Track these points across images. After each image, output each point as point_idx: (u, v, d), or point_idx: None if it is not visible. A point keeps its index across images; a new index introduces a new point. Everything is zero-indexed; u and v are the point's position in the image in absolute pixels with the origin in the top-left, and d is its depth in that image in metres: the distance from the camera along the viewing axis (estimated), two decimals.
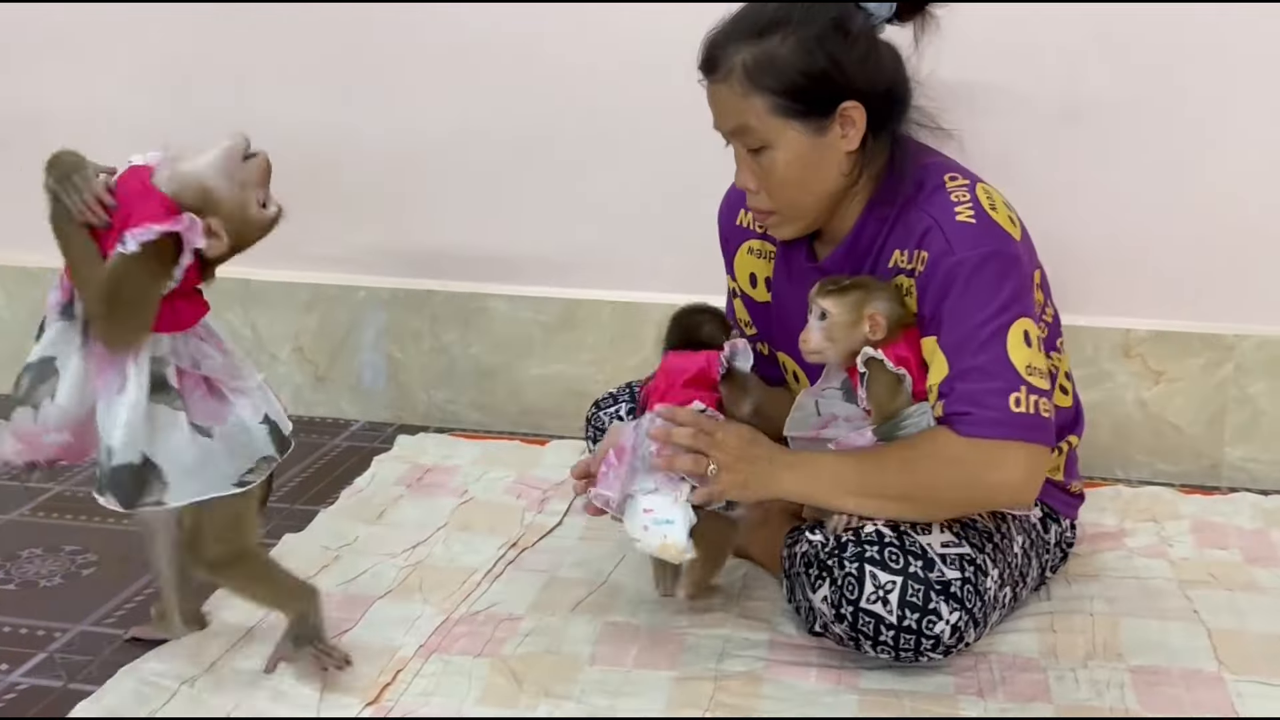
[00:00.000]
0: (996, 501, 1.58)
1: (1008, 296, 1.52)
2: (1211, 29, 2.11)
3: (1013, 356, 1.51)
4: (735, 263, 1.85)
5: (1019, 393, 1.50)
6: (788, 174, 1.58)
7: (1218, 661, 1.60)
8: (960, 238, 1.53)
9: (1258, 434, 2.23)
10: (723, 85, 1.57)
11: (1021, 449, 1.51)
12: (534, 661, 1.60)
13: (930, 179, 1.60)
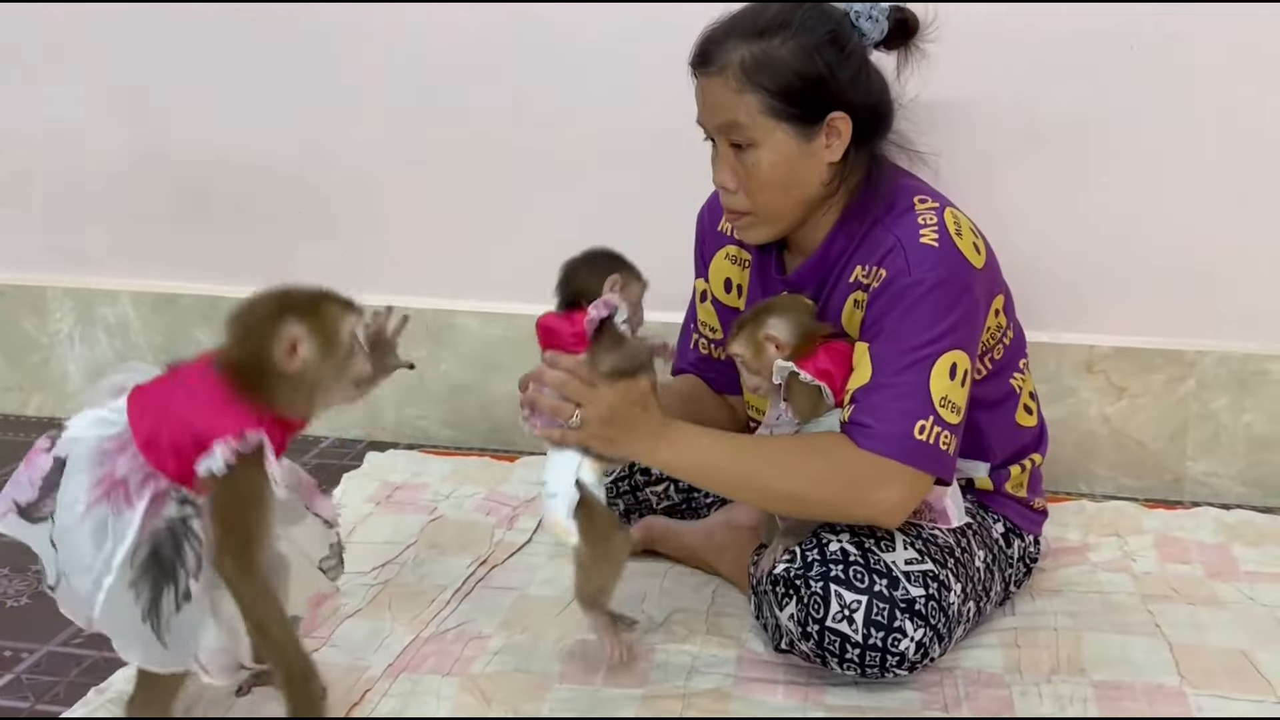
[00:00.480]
0: (867, 517, 1.57)
1: (948, 326, 1.54)
2: (1171, 53, 2.14)
3: (932, 385, 1.53)
4: (711, 267, 1.86)
5: (925, 420, 1.52)
6: (771, 175, 1.60)
7: (1179, 675, 1.62)
8: (919, 259, 1.55)
9: (1219, 449, 2.26)
10: (717, 79, 1.59)
11: (908, 474, 1.53)
12: (503, 680, 1.61)
13: (901, 200, 1.62)
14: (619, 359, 1.53)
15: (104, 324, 2.64)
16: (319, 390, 1.38)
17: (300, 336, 1.34)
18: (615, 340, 1.54)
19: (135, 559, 1.33)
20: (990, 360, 1.69)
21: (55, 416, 2.68)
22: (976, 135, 2.20)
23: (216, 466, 1.31)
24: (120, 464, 1.34)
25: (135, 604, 1.34)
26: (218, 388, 1.34)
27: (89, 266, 2.65)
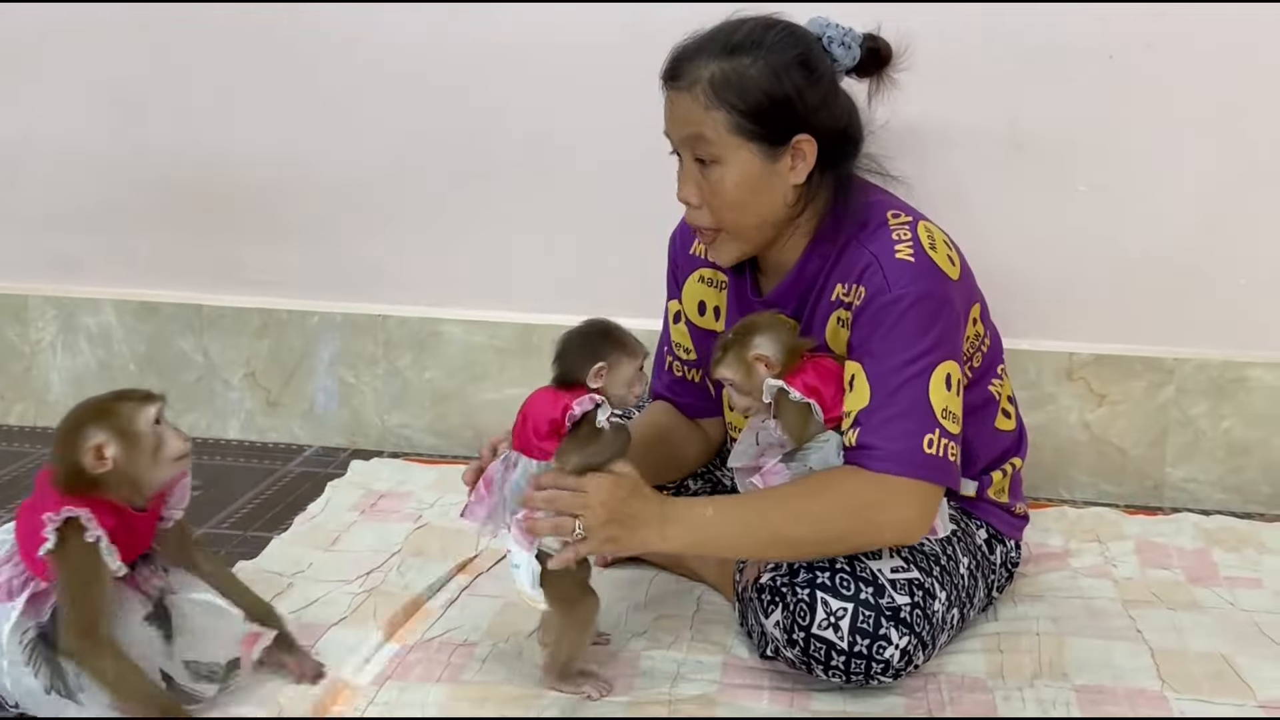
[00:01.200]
0: (887, 539, 1.58)
1: (935, 338, 1.55)
2: (1150, 63, 2.16)
3: (932, 398, 1.54)
4: (685, 290, 1.86)
5: (932, 435, 1.53)
6: (734, 194, 1.61)
7: (1160, 680, 1.64)
8: (897, 275, 1.56)
9: (1198, 455, 2.28)
10: (685, 94, 1.59)
11: (923, 489, 1.54)
12: (490, 688, 1.61)
13: (874, 217, 1.63)
14: (590, 455, 1.52)
15: (86, 332, 2.64)
16: (140, 478, 1.49)
17: (103, 441, 1.45)
18: (591, 435, 1.52)
19: (24, 642, 1.46)
20: (970, 368, 1.70)
21: (37, 425, 2.67)
22: (957, 145, 2.22)
23: (47, 545, 1.42)
24: (4, 571, 1.49)
25: (37, 680, 1.46)
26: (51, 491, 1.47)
27: (71, 274, 2.64)
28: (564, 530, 1.49)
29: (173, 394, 2.57)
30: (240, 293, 2.57)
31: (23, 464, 2.46)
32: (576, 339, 1.56)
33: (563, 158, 2.39)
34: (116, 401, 1.49)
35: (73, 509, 1.43)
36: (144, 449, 1.47)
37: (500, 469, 1.57)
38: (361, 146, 2.46)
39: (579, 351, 1.54)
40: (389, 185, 2.47)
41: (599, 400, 1.52)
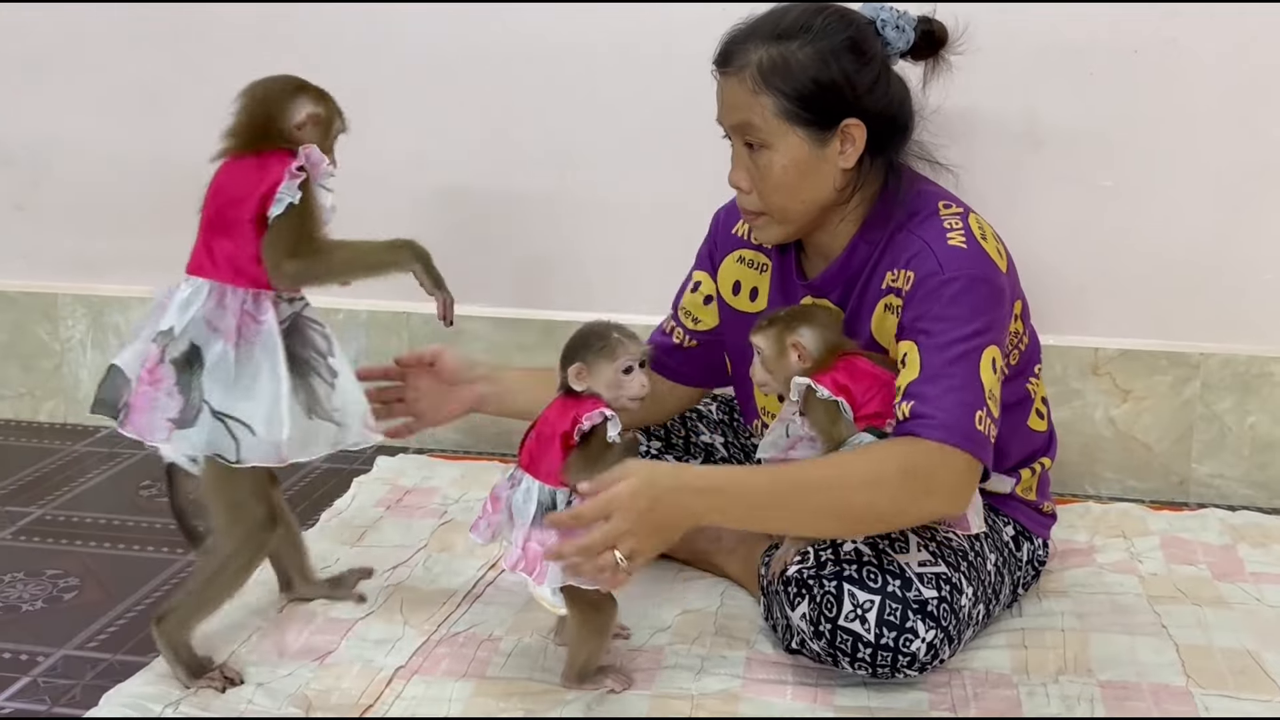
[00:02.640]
0: (937, 507, 1.54)
1: (987, 321, 1.55)
2: (1174, 57, 2.15)
3: (983, 377, 1.54)
4: (721, 268, 1.87)
5: (981, 411, 1.52)
6: (782, 178, 1.61)
7: (1186, 676, 1.63)
8: (950, 259, 1.57)
9: (1224, 450, 2.27)
10: (734, 79, 1.60)
11: (970, 463, 1.52)
12: (515, 683, 1.62)
13: (925, 206, 1.63)
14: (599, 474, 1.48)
15: (115, 330, 2.66)
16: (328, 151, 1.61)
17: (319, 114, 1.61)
18: (600, 450, 1.50)
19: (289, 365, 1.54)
20: (1007, 364, 1.70)
21: (67, 423, 2.70)
22: (981, 140, 2.21)
23: (291, 195, 1.53)
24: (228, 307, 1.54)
25: (301, 406, 1.54)
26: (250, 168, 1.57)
27: (100, 273, 2.67)
28: (608, 571, 1.42)
29: None
30: None
31: (53, 460, 2.48)
32: (567, 346, 1.56)
33: (586, 155, 2.40)
34: (329, 95, 1.65)
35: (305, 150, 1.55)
36: (322, 146, 1.61)
37: (506, 486, 1.58)
38: (383, 144, 2.46)
39: (566, 358, 1.55)
40: (413, 182, 2.48)
41: (609, 414, 1.51)
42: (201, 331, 1.53)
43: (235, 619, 1.76)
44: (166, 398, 1.52)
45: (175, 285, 1.59)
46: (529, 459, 1.55)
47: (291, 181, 1.52)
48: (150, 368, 1.53)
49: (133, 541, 2.10)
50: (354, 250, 1.57)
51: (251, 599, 1.82)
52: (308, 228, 1.54)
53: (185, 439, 1.52)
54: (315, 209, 1.55)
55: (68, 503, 2.27)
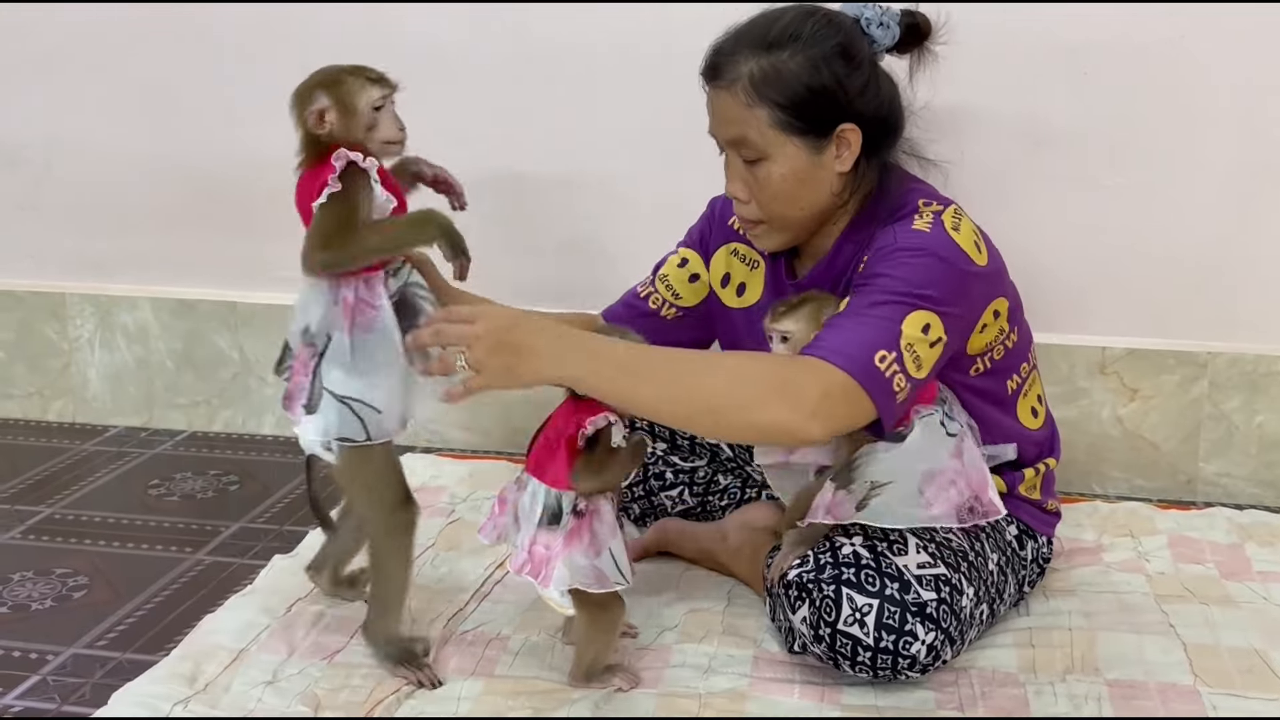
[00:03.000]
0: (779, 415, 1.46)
1: (929, 292, 1.53)
2: (1181, 55, 2.15)
3: (904, 328, 1.51)
4: (714, 259, 1.87)
5: (889, 353, 1.49)
6: (781, 188, 1.61)
7: (1193, 675, 1.63)
8: (908, 235, 1.57)
9: (1232, 449, 2.27)
10: (726, 93, 1.60)
11: (848, 382, 1.47)
12: (523, 682, 1.62)
13: (907, 205, 1.63)
14: (606, 479, 1.52)
15: (123, 330, 2.67)
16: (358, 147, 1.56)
17: (326, 106, 1.54)
18: (605, 455, 1.52)
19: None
20: (989, 360, 1.70)
21: (75, 422, 2.71)
22: (986, 139, 2.21)
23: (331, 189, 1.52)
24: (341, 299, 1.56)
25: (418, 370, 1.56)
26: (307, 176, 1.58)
27: (108, 272, 2.68)
28: (447, 366, 1.46)
29: (209, 391, 2.64)
30: (274, 290, 2.58)
31: (61, 459, 2.49)
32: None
33: (590, 157, 2.40)
34: (346, 74, 1.57)
35: (349, 153, 1.52)
36: (359, 125, 1.55)
37: (514, 489, 1.58)
38: None
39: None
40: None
41: (613, 419, 1.52)
42: (331, 323, 1.56)
43: (246, 617, 1.77)
44: (306, 385, 1.57)
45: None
46: (535, 463, 1.55)
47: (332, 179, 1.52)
48: (304, 360, 1.58)
49: (141, 540, 2.11)
50: (380, 233, 1.55)
51: (260, 599, 1.83)
52: (342, 220, 1.53)
53: (313, 423, 1.57)
54: (355, 202, 1.54)
55: (76, 502, 2.28)
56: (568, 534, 1.52)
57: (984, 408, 1.72)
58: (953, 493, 1.56)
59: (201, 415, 2.67)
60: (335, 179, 1.52)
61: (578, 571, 1.51)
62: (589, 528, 1.52)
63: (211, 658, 1.66)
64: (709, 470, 2.03)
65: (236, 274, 2.62)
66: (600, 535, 1.53)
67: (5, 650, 1.74)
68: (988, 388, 1.71)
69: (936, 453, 1.57)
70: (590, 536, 1.52)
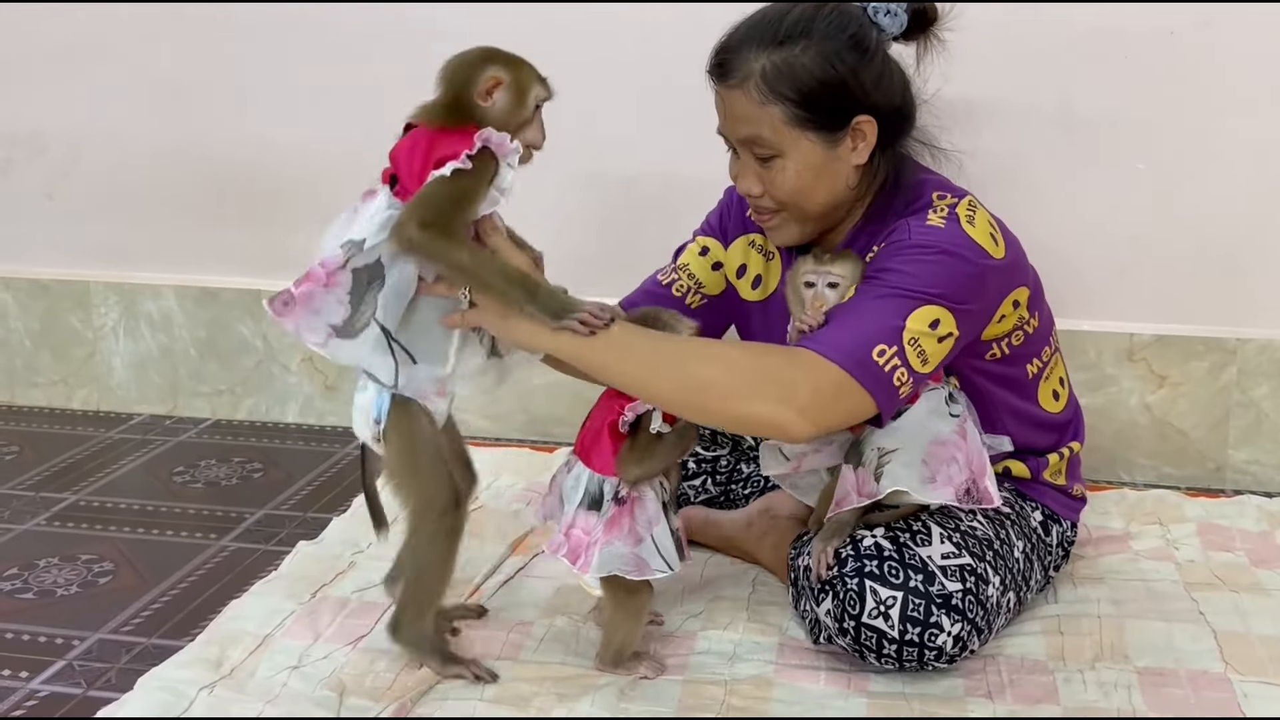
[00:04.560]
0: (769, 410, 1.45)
1: (941, 290, 1.51)
2: (1209, 39, 2.13)
3: (908, 323, 1.49)
4: (731, 249, 1.86)
5: (888, 348, 1.47)
6: (797, 184, 1.60)
7: (1223, 663, 1.62)
8: (922, 233, 1.55)
9: (1261, 437, 2.25)
10: (738, 91, 1.57)
11: (843, 377, 1.45)
12: (547, 667, 1.62)
13: (922, 197, 1.62)
14: (649, 466, 1.52)
15: (147, 318, 2.68)
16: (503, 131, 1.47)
17: (502, 80, 1.47)
18: (649, 442, 1.51)
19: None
20: (1008, 346, 1.68)
21: (100, 410, 2.72)
22: (1013, 125, 2.19)
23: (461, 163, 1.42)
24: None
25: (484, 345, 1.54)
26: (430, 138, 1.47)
27: (132, 261, 2.68)
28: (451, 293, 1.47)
29: (232, 379, 2.65)
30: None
31: (86, 447, 2.50)
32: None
33: (608, 146, 2.39)
34: (524, 61, 1.52)
35: (487, 131, 1.44)
36: (521, 114, 1.49)
37: (564, 471, 1.59)
38: None
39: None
40: None
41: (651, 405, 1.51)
42: (391, 250, 1.46)
43: (271, 603, 1.77)
44: (336, 304, 1.45)
45: (371, 191, 1.52)
46: (582, 448, 1.56)
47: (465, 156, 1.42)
48: (330, 270, 1.45)
49: (166, 527, 2.12)
50: (475, 259, 1.45)
51: (285, 584, 1.83)
52: (455, 204, 1.44)
53: (341, 348, 1.47)
54: (475, 190, 1.44)
55: (101, 489, 2.28)
56: (608, 521, 1.51)
57: (1002, 393, 1.70)
58: (955, 470, 1.55)
59: (225, 403, 2.67)
60: (468, 156, 1.42)
61: (616, 559, 1.51)
62: (630, 515, 1.52)
63: (237, 643, 1.67)
64: (731, 459, 2.03)
65: (260, 262, 2.62)
66: (640, 523, 1.52)
67: (32, 635, 1.75)
68: (1006, 373, 1.70)
69: (941, 424, 1.57)
70: (630, 524, 1.52)
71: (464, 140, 1.43)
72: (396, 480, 1.57)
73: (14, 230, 2.73)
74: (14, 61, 2.62)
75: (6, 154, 2.69)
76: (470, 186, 1.44)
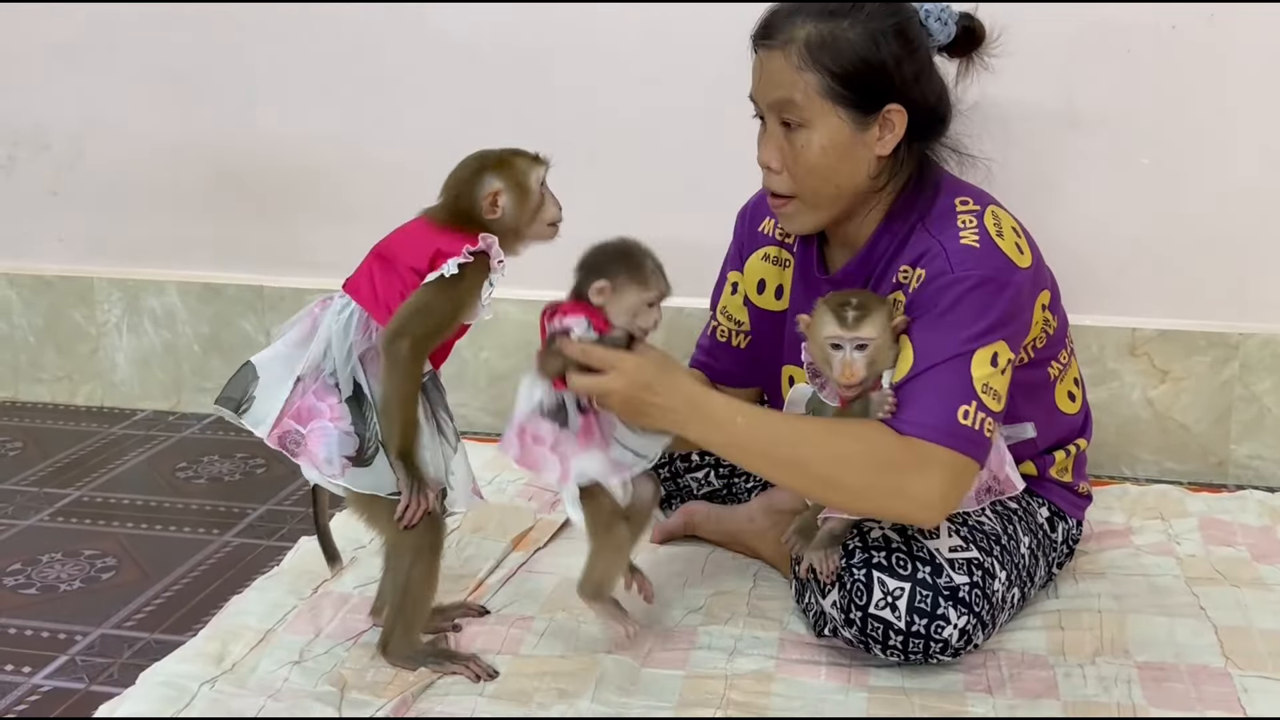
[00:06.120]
0: (904, 512, 1.52)
1: (992, 322, 1.52)
2: (1214, 34, 2.12)
3: (974, 372, 1.50)
4: (747, 266, 1.85)
5: (969, 405, 1.49)
6: (819, 159, 1.58)
7: (1224, 657, 1.62)
8: (961, 259, 1.54)
9: (1263, 432, 2.24)
10: (778, 54, 1.57)
11: (951, 459, 1.48)
12: (548, 661, 1.63)
13: (942, 201, 1.61)
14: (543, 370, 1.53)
15: (151, 314, 2.68)
16: (521, 232, 1.57)
17: (500, 189, 1.53)
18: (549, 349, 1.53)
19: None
20: (1033, 349, 1.68)
21: (104, 406, 2.72)
22: (1017, 120, 2.19)
23: (451, 268, 1.48)
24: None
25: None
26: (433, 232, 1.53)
27: (136, 257, 2.69)
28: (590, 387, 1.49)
29: None
30: (301, 274, 2.59)
31: (90, 443, 2.51)
32: (593, 252, 1.56)
33: (620, 138, 2.39)
34: (513, 156, 1.56)
35: (490, 237, 1.50)
36: (530, 205, 1.55)
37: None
38: (420, 127, 2.47)
39: (588, 268, 1.55)
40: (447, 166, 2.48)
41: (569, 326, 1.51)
42: (360, 370, 1.53)
43: (273, 598, 1.78)
44: (345, 436, 1.52)
45: (326, 297, 1.57)
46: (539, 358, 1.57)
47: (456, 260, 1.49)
48: (332, 405, 1.53)
49: (169, 522, 2.12)
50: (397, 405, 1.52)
51: (287, 580, 1.84)
52: (438, 321, 1.51)
53: (359, 476, 1.53)
54: (459, 302, 1.52)
55: (105, 484, 2.29)
56: (581, 431, 1.54)
57: (1024, 397, 1.68)
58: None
59: None
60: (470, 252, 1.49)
61: (595, 465, 1.53)
62: (597, 422, 1.55)
63: (239, 638, 1.67)
64: None
65: (263, 258, 2.62)
66: (608, 428, 1.56)
67: (35, 630, 1.75)
68: (1030, 378, 1.68)
69: None
70: (599, 431, 1.55)
71: (460, 240, 1.50)
72: (368, 513, 1.59)
73: (18, 226, 2.73)
74: (17, 57, 2.63)
75: (10, 150, 2.69)
76: (452, 300, 1.51)
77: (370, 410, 1.53)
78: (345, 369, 1.53)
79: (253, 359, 1.58)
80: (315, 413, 1.52)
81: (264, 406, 1.54)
